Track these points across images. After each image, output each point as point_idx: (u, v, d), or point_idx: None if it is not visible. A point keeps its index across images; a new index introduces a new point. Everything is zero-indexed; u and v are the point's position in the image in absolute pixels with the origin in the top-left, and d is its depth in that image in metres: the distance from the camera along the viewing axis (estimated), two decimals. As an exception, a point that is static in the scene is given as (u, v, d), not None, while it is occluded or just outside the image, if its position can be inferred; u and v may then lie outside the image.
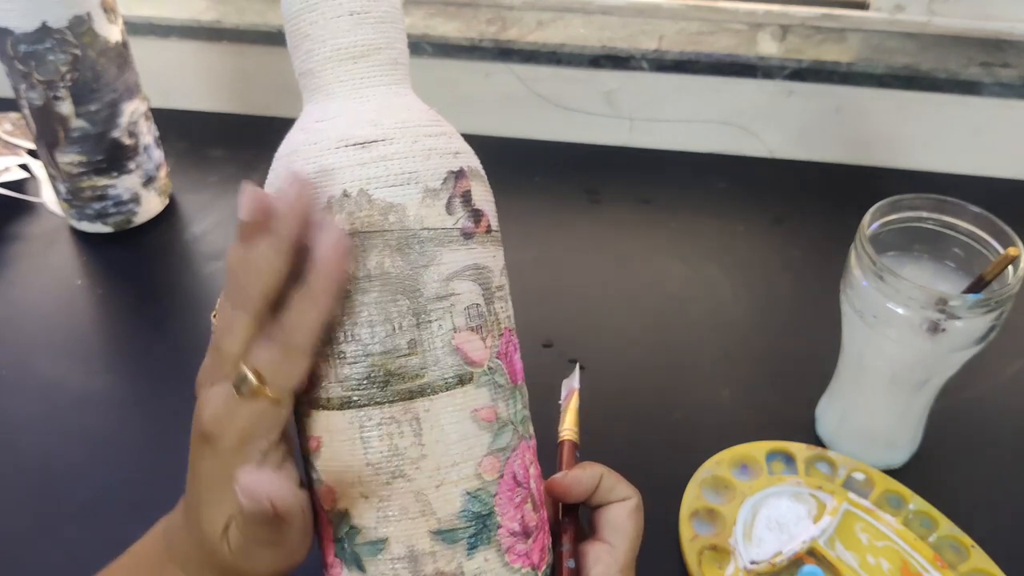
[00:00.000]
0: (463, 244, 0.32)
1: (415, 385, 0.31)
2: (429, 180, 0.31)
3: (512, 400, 0.33)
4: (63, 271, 0.70)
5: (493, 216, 0.34)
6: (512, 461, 0.33)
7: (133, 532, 0.51)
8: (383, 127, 0.32)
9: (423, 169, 0.31)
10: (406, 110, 0.33)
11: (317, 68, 0.33)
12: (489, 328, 0.33)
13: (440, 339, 0.31)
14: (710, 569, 0.48)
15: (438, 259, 0.31)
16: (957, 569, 0.48)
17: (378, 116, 0.32)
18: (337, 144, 0.31)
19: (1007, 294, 0.44)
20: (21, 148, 0.81)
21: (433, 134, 0.32)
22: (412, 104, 0.34)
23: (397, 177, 0.31)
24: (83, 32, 0.63)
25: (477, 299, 0.32)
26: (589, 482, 0.37)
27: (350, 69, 0.32)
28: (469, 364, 0.32)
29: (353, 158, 0.31)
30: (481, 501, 0.32)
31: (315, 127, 0.32)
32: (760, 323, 0.65)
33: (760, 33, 0.79)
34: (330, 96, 0.33)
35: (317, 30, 0.32)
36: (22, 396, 0.60)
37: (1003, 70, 0.73)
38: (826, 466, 0.53)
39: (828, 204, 0.75)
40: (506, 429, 0.33)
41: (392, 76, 0.33)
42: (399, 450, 0.31)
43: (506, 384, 0.33)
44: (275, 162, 0.34)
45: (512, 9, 0.82)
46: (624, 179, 0.79)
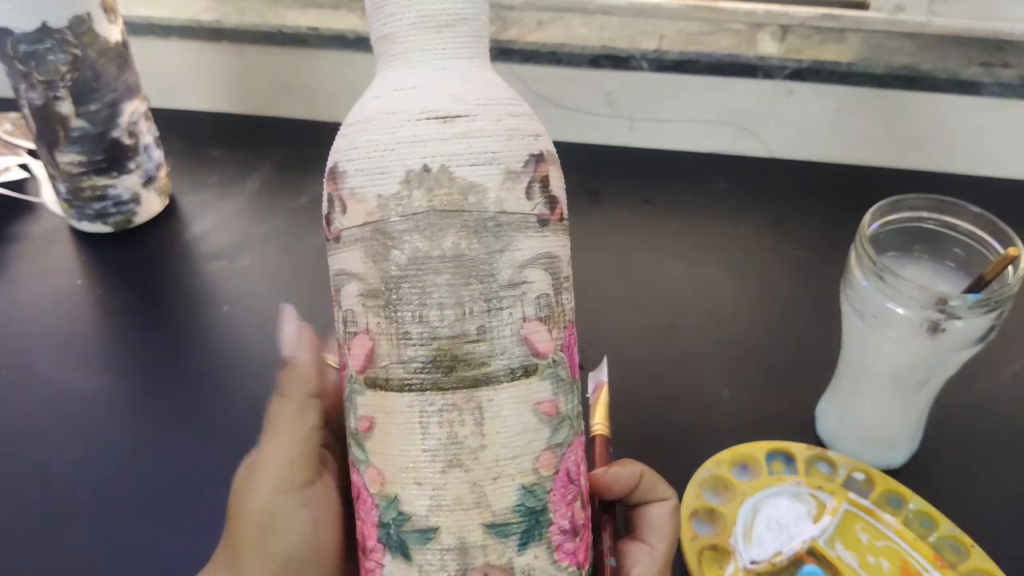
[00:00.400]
0: (538, 231, 0.31)
1: (481, 373, 0.30)
2: (511, 162, 0.30)
3: (571, 395, 0.33)
4: (63, 271, 0.70)
5: (565, 205, 0.33)
6: (567, 457, 0.32)
7: (133, 532, 0.51)
8: (467, 102, 0.30)
9: (505, 150, 0.30)
10: (489, 86, 0.32)
11: (399, 33, 0.31)
12: (556, 319, 0.32)
13: (510, 328, 0.30)
14: (710, 569, 0.48)
15: (514, 245, 0.30)
16: (957, 569, 0.48)
17: (461, 90, 0.31)
18: (419, 116, 0.30)
19: (1007, 294, 0.44)
20: (21, 148, 0.81)
21: (515, 113, 0.31)
22: (494, 80, 0.32)
23: (480, 156, 0.30)
24: (83, 32, 0.63)
25: (547, 289, 0.31)
26: (630, 480, 0.36)
27: (434, 38, 0.31)
28: (535, 355, 0.31)
29: (435, 132, 0.30)
30: (536, 496, 0.31)
31: (394, 95, 0.31)
32: (760, 323, 0.65)
33: (760, 33, 0.79)
34: (410, 64, 0.32)
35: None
36: (22, 396, 0.60)
37: (1003, 70, 0.73)
38: (826, 466, 0.53)
39: (828, 204, 0.75)
40: (564, 424, 0.32)
41: (474, 49, 0.32)
42: (458, 439, 0.30)
43: (567, 378, 0.32)
44: (345, 128, 0.32)
45: (512, 9, 0.82)
46: (624, 179, 0.79)
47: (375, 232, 0.30)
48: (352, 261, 0.31)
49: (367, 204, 0.31)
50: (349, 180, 0.31)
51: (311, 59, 0.83)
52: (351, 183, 0.31)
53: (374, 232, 0.30)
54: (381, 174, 0.30)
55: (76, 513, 0.52)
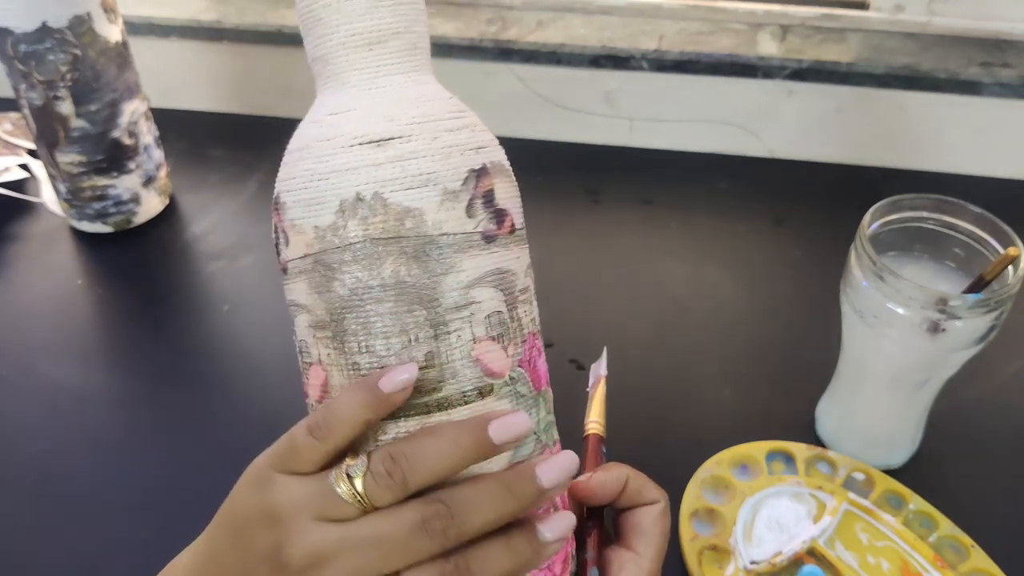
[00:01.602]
0: (484, 248, 0.30)
1: (432, 399, 0.30)
2: (448, 181, 0.29)
3: (535, 409, 0.32)
4: (63, 271, 0.70)
5: (518, 213, 0.32)
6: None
7: (132, 532, 0.51)
8: (400, 123, 0.30)
9: (442, 169, 0.29)
10: (426, 102, 0.31)
11: (330, 54, 0.31)
12: (511, 336, 0.31)
13: (459, 351, 0.30)
14: (710, 569, 0.48)
15: (457, 266, 0.30)
16: (957, 569, 0.48)
17: (395, 110, 0.30)
18: (351, 141, 0.29)
19: (1007, 294, 0.44)
20: (21, 148, 0.81)
21: (454, 128, 0.31)
22: (433, 94, 0.32)
23: (414, 179, 0.29)
24: (83, 32, 0.63)
25: (499, 306, 0.31)
26: (614, 485, 0.35)
27: (365, 56, 0.31)
28: (489, 376, 0.30)
29: (367, 158, 0.29)
30: None
31: (328, 120, 0.30)
32: (760, 323, 0.65)
33: (760, 33, 0.79)
34: (344, 85, 0.31)
35: (331, 13, 0.30)
36: (22, 396, 0.60)
37: (1003, 70, 0.73)
38: (826, 466, 0.53)
39: (828, 204, 0.75)
40: (528, 440, 0.32)
41: (411, 62, 0.31)
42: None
43: (528, 393, 0.32)
44: (286, 156, 0.32)
45: (512, 9, 0.82)
46: (624, 179, 0.79)
47: (316, 264, 0.30)
48: (299, 293, 0.31)
49: (306, 236, 0.30)
50: (289, 211, 0.31)
51: (311, 59, 0.83)
52: (291, 215, 0.31)
53: (315, 264, 0.30)
54: (317, 205, 0.30)
55: (76, 513, 0.52)
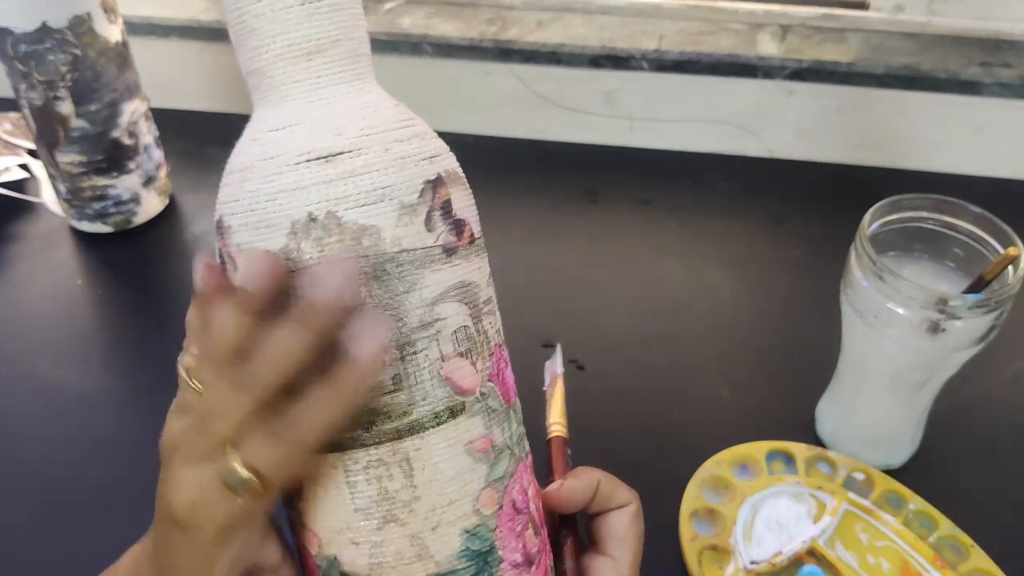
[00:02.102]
0: (446, 262, 0.28)
1: (403, 424, 0.28)
2: (404, 194, 0.28)
3: (507, 423, 0.31)
4: (63, 271, 0.70)
5: (476, 222, 0.31)
6: (511, 488, 0.31)
7: (132, 532, 0.51)
8: (348, 136, 0.28)
9: (397, 182, 0.28)
10: (373, 112, 0.29)
11: (267, 67, 0.29)
12: (479, 350, 0.30)
13: (427, 371, 0.28)
14: (710, 569, 0.48)
15: (420, 283, 0.28)
16: (957, 569, 0.48)
17: (342, 123, 0.28)
18: (297, 159, 0.27)
19: (1007, 294, 0.44)
20: (21, 148, 0.81)
21: (404, 138, 0.29)
22: (378, 103, 0.30)
23: (368, 195, 0.27)
24: (83, 32, 0.63)
25: (465, 320, 0.29)
26: (585, 492, 0.34)
27: (305, 67, 0.29)
28: (460, 393, 0.29)
29: (317, 175, 0.27)
30: (481, 538, 0.30)
31: (270, 137, 0.29)
32: (760, 323, 0.65)
33: (760, 33, 0.79)
34: (284, 99, 0.29)
35: (265, 23, 0.28)
36: (22, 396, 0.60)
37: (1003, 70, 0.73)
38: (826, 466, 0.53)
39: (828, 204, 0.75)
40: (503, 456, 0.30)
41: (354, 70, 0.29)
42: (389, 494, 0.29)
43: (500, 407, 0.30)
44: (226, 177, 0.30)
45: (512, 9, 0.82)
46: (624, 179, 0.79)
47: None
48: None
49: None
50: (235, 235, 0.29)
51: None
52: (237, 239, 0.29)
53: None
54: (266, 228, 0.28)
55: (76, 513, 0.52)
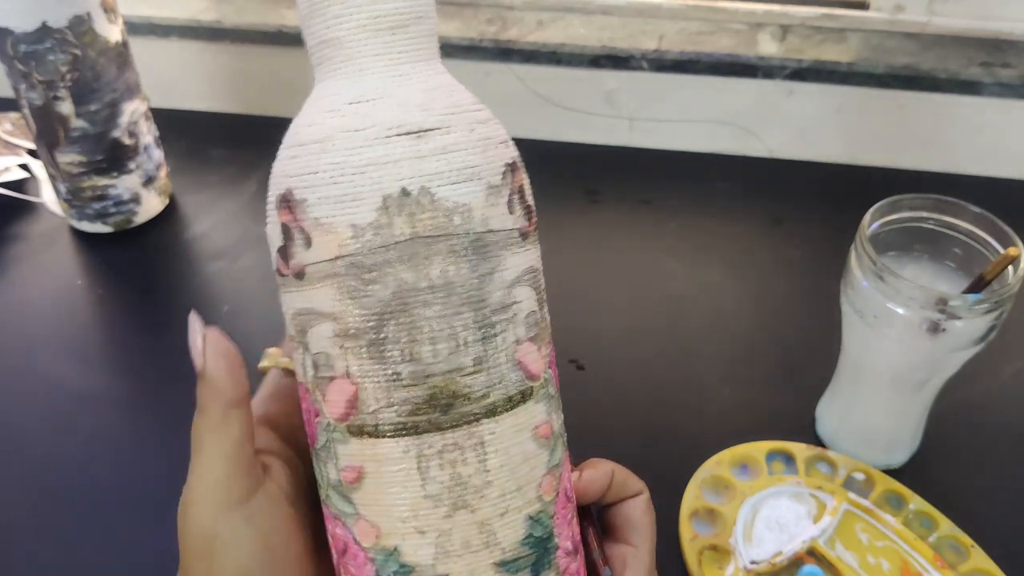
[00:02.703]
0: (522, 246, 0.29)
1: (480, 407, 0.28)
2: (491, 176, 0.28)
3: (559, 410, 0.31)
4: (63, 271, 0.70)
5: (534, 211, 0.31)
6: (563, 476, 0.31)
7: (133, 532, 0.51)
8: (436, 113, 0.28)
9: (484, 163, 0.28)
10: (452, 91, 0.29)
11: (347, 37, 0.28)
12: (543, 335, 0.30)
13: (505, 353, 0.28)
14: (710, 569, 0.48)
15: (502, 264, 0.28)
16: (957, 569, 0.48)
17: (427, 99, 0.28)
18: (388, 132, 0.27)
19: (1007, 294, 0.44)
20: (21, 148, 0.81)
21: (484, 120, 0.29)
22: (454, 84, 0.30)
23: (460, 172, 0.27)
24: (83, 32, 0.63)
25: (534, 306, 0.29)
26: (603, 481, 0.34)
27: (388, 41, 0.28)
28: (530, 378, 0.29)
29: (410, 149, 0.27)
30: (542, 524, 0.30)
31: (353, 110, 0.28)
32: (760, 323, 0.65)
33: (760, 33, 0.79)
34: (362, 72, 0.28)
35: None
36: (22, 396, 0.60)
37: (1003, 70, 0.73)
38: (826, 466, 0.53)
39: (828, 204, 0.75)
40: (559, 443, 0.31)
41: (429, 50, 0.29)
42: (462, 479, 0.28)
43: (555, 394, 0.31)
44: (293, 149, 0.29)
45: (512, 9, 0.82)
46: (624, 179, 0.79)
47: (351, 266, 0.28)
48: (323, 299, 0.29)
49: (339, 235, 0.27)
50: (312, 209, 0.28)
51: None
52: (315, 212, 0.28)
53: (349, 267, 0.28)
54: (352, 201, 0.27)
55: (76, 512, 0.52)
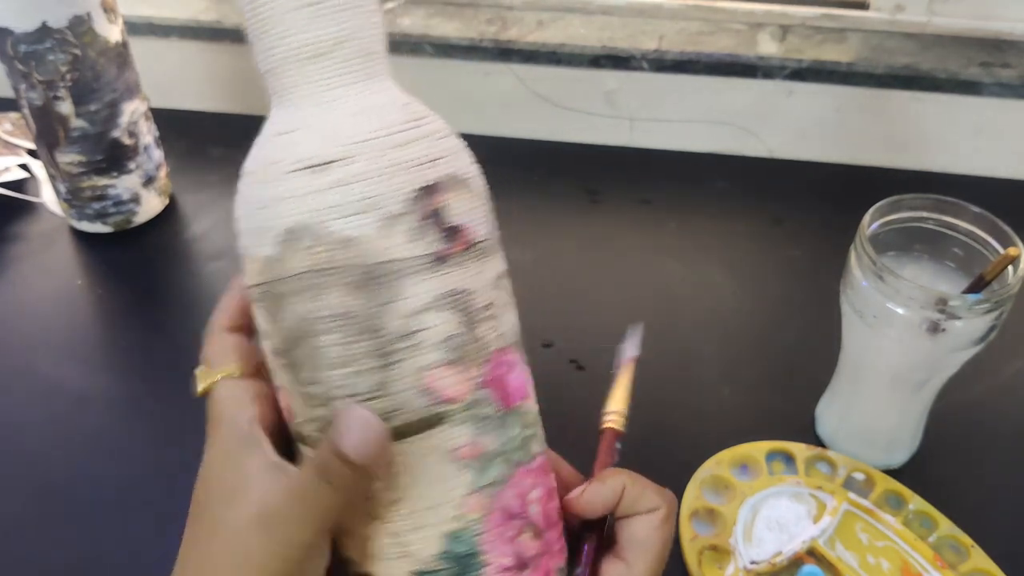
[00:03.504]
0: (434, 271, 0.29)
1: None
2: (391, 204, 0.28)
3: (503, 428, 0.31)
4: (63, 271, 0.70)
5: (482, 224, 0.30)
6: (504, 493, 0.31)
7: (133, 532, 0.51)
8: (342, 143, 0.28)
9: (386, 191, 0.28)
10: (376, 115, 0.29)
11: (277, 68, 0.29)
12: (472, 357, 0.30)
13: (409, 379, 0.29)
14: (710, 569, 0.48)
15: (403, 293, 0.28)
16: (957, 569, 0.48)
17: (340, 129, 0.28)
18: (292, 167, 0.28)
19: (1007, 294, 0.44)
20: (21, 148, 0.81)
21: (404, 142, 0.29)
22: (385, 104, 0.30)
23: (355, 204, 0.28)
24: (83, 32, 0.63)
25: (455, 329, 0.29)
26: (609, 497, 0.33)
27: (312, 70, 0.29)
28: (445, 402, 0.29)
29: (309, 184, 0.28)
30: (463, 542, 0.30)
31: (273, 142, 0.29)
32: (760, 323, 0.65)
33: (760, 33, 0.79)
34: (292, 101, 0.29)
35: (273, 25, 0.29)
36: (22, 396, 0.60)
37: (1003, 70, 0.73)
38: (826, 466, 0.53)
39: (828, 204, 0.75)
40: (495, 462, 0.30)
41: (364, 71, 0.29)
42: (374, 493, 0.29)
43: (494, 414, 0.30)
44: (242, 177, 0.31)
45: (512, 9, 0.82)
46: (624, 179, 0.79)
47: (264, 294, 0.29)
48: (259, 318, 0.31)
49: (255, 265, 0.29)
50: (241, 238, 0.30)
51: (311, 59, 0.83)
52: (242, 241, 0.30)
53: (263, 294, 0.30)
54: (261, 234, 0.29)
55: (76, 513, 0.52)
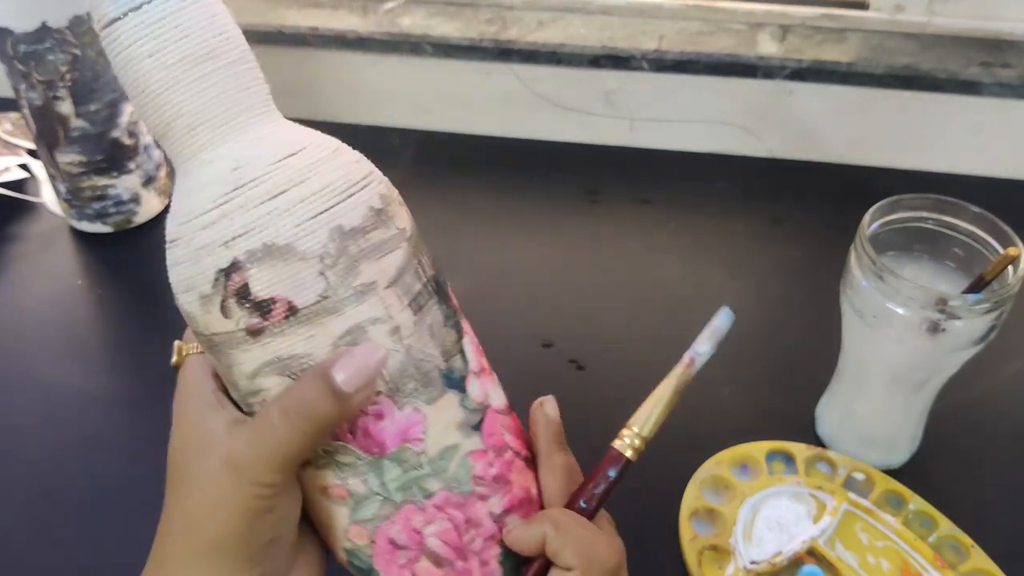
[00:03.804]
0: (254, 343, 0.29)
1: None
2: (202, 285, 0.29)
3: (375, 472, 0.31)
4: (63, 271, 0.70)
5: (308, 288, 0.29)
6: (388, 527, 0.32)
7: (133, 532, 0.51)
8: (174, 223, 0.30)
9: (195, 274, 0.29)
10: (195, 194, 0.29)
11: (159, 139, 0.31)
12: None
13: None
14: (710, 569, 0.48)
15: (236, 360, 0.30)
16: (957, 569, 0.48)
17: (174, 209, 0.31)
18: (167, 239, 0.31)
19: (1007, 294, 0.44)
20: (21, 148, 0.81)
21: (211, 222, 0.29)
22: (206, 178, 0.29)
23: (182, 283, 0.30)
24: (83, 32, 0.63)
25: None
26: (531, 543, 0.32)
27: (167, 146, 0.31)
28: None
29: (169, 259, 0.31)
30: (360, 559, 0.32)
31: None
32: (760, 323, 0.65)
33: (760, 33, 0.79)
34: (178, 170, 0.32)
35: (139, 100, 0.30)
36: (22, 396, 0.60)
37: (1003, 70, 0.73)
38: (826, 466, 0.53)
39: (828, 204, 0.75)
40: (370, 501, 0.31)
41: (194, 145, 0.30)
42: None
43: (356, 461, 0.31)
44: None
45: (512, 9, 0.82)
46: (624, 179, 0.79)
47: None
48: None
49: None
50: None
51: (311, 59, 0.83)
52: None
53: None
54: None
55: (76, 513, 0.52)
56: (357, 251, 0.29)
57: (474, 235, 0.73)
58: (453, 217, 0.74)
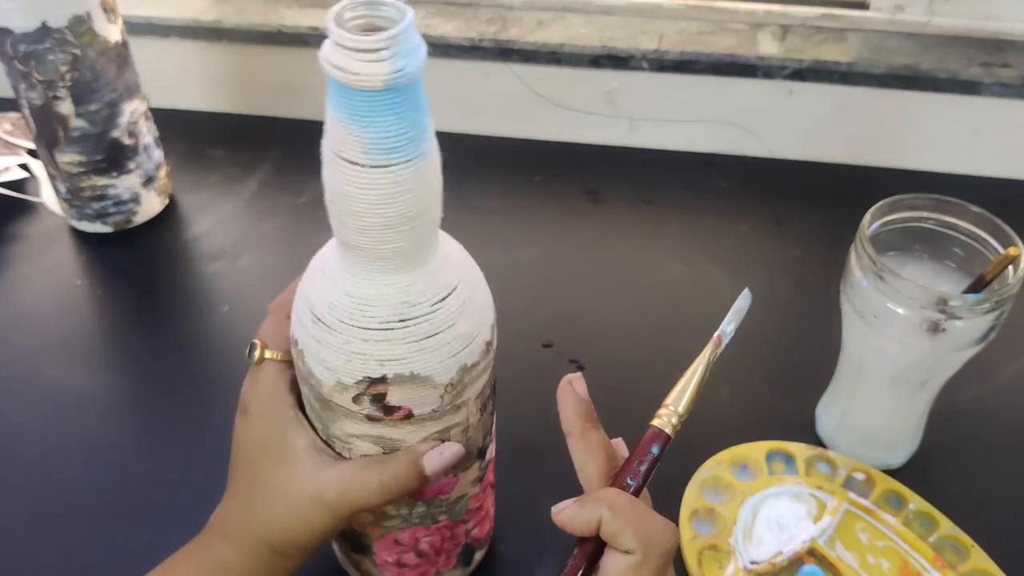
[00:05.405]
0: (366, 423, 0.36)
1: None
2: (345, 377, 0.35)
3: (407, 507, 0.40)
4: (63, 271, 0.70)
5: (426, 404, 0.36)
6: (396, 534, 0.42)
7: (133, 533, 0.51)
8: (336, 317, 0.35)
9: (342, 366, 0.35)
10: (367, 304, 0.34)
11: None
12: None
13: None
14: (710, 569, 0.48)
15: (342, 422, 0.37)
16: (957, 569, 0.48)
17: (332, 284, 0.35)
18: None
19: (1007, 294, 0.44)
20: (21, 148, 0.81)
21: (372, 339, 0.34)
22: (385, 296, 0.34)
23: (319, 358, 0.36)
24: (83, 32, 0.63)
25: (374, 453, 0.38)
26: (585, 524, 0.31)
27: (350, 243, 0.34)
28: None
29: (315, 333, 0.36)
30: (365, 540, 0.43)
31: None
32: (760, 323, 0.64)
33: (760, 33, 0.79)
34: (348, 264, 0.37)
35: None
36: (22, 396, 0.60)
37: (1003, 70, 0.73)
38: (826, 466, 0.53)
39: (828, 204, 0.75)
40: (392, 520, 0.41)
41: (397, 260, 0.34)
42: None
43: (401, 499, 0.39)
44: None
45: (512, 9, 0.82)
46: (624, 179, 0.79)
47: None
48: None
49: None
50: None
51: (311, 59, 0.82)
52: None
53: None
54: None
55: (76, 513, 0.52)
56: (469, 379, 0.37)
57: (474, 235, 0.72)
58: (453, 217, 0.74)
